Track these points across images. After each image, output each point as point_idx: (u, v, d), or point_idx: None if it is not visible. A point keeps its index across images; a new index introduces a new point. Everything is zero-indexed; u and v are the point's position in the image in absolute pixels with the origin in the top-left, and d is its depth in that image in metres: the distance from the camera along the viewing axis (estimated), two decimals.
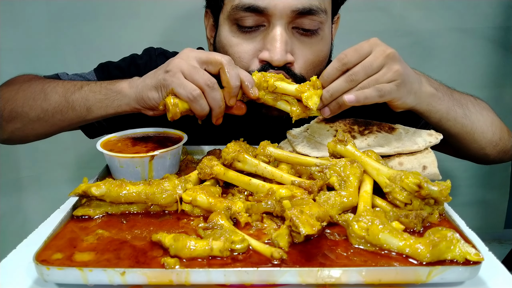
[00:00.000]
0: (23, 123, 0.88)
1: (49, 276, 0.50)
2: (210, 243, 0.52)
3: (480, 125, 0.89)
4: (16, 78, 0.96)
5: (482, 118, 0.90)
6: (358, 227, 0.55)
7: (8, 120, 0.89)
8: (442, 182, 0.62)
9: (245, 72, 0.75)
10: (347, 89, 0.74)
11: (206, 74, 0.73)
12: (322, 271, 0.49)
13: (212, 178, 0.73)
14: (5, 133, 0.92)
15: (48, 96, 0.85)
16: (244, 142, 0.79)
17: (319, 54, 0.92)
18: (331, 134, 0.83)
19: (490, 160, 0.97)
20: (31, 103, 0.86)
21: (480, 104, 0.93)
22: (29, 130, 0.89)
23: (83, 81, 0.88)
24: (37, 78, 0.93)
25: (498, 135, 0.93)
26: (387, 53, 0.73)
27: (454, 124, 0.85)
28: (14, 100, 0.88)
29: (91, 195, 0.65)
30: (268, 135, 0.83)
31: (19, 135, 0.92)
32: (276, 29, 0.85)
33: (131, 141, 0.82)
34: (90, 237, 0.58)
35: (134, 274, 0.49)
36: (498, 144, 0.93)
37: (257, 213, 0.63)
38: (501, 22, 1.61)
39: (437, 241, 0.51)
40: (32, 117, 0.86)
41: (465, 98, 0.91)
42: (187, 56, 0.74)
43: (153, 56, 1.08)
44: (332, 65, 0.74)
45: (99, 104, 0.80)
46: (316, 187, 0.64)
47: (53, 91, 0.85)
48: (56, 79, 0.95)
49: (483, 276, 0.52)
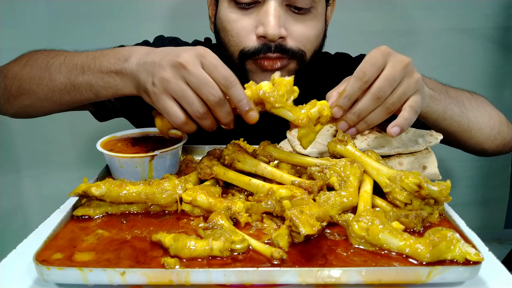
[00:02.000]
0: (31, 100, 0.85)
1: (49, 276, 0.50)
2: (210, 243, 0.52)
3: (477, 121, 0.89)
4: (25, 54, 0.92)
5: (479, 114, 0.90)
6: (358, 227, 0.55)
7: (16, 96, 0.86)
8: (442, 182, 0.62)
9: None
10: (375, 107, 0.69)
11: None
12: (322, 271, 0.49)
13: (212, 178, 0.73)
14: (13, 108, 0.90)
15: (53, 76, 0.81)
16: (244, 142, 0.79)
17: (313, 29, 0.93)
18: (331, 134, 0.83)
19: (488, 153, 0.96)
20: (37, 81, 0.83)
21: (477, 99, 0.93)
22: (37, 107, 0.87)
23: (85, 56, 0.81)
24: (42, 52, 0.89)
25: (496, 129, 0.93)
26: (406, 62, 0.69)
27: (451, 123, 0.85)
28: (21, 75, 0.85)
29: (91, 195, 0.65)
30: (268, 135, 0.83)
31: (27, 111, 0.90)
32: (269, 3, 0.87)
33: (131, 141, 0.82)
34: (90, 237, 0.58)
35: (134, 274, 0.49)
36: (497, 138, 0.93)
37: (257, 213, 0.63)
38: (501, 22, 1.61)
39: (437, 241, 0.51)
40: (40, 96, 0.84)
41: (461, 94, 0.90)
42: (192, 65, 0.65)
43: (166, 43, 1.08)
44: (353, 85, 0.68)
45: (104, 91, 0.77)
46: (316, 187, 0.64)
47: (57, 70, 0.81)
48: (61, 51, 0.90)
49: (483, 276, 0.52)
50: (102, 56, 0.77)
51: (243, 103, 0.66)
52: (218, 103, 0.65)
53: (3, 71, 0.89)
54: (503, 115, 0.97)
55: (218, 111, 0.66)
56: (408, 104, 0.69)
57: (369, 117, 0.70)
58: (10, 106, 0.90)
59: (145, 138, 0.85)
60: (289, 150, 0.83)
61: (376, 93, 0.67)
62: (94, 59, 0.78)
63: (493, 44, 1.64)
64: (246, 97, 0.66)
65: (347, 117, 0.70)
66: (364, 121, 0.71)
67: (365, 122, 0.71)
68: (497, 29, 1.62)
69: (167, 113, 0.67)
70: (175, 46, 0.73)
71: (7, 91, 0.87)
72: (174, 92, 0.66)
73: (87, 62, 0.78)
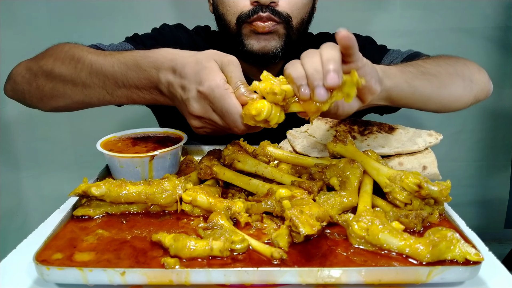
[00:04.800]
0: (66, 103, 0.82)
1: (49, 276, 0.50)
2: (210, 243, 0.52)
3: (446, 78, 0.86)
4: (51, 48, 0.87)
5: (442, 69, 0.86)
6: (358, 227, 0.55)
7: (50, 97, 0.83)
8: (442, 182, 0.62)
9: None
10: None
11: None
12: (322, 271, 0.49)
13: (212, 178, 0.73)
14: (48, 107, 0.87)
15: (87, 83, 0.76)
16: (244, 142, 0.79)
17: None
18: (331, 134, 0.83)
19: (469, 104, 0.95)
20: (71, 87, 0.78)
21: (435, 60, 0.90)
22: (74, 108, 0.85)
23: (111, 66, 0.74)
24: (69, 48, 0.83)
25: (468, 77, 0.91)
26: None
27: (420, 95, 0.81)
28: (53, 76, 0.80)
29: (91, 195, 0.65)
30: (268, 135, 0.83)
31: (64, 109, 0.87)
32: None
33: (131, 141, 0.82)
34: (90, 237, 0.58)
35: (134, 274, 0.49)
36: (472, 87, 0.92)
37: (257, 213, 0.63)
38: (501, 22, 1.61)
39: (437, 241, 0.51)
40: (76, 100, 0.80)
41: (418, 64, 0.85)
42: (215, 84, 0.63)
43: (173, 29, 1.15)
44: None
45: (144, 101, 0.74)
46: (316, 187, 0.64)
47: (89, 79, 0.76)
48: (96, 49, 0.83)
49: (483, 276, 0.52)
50: (127, 71, 0.72)
51: (236, 130, 0.65)
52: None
53: (33, 69, 0.85)
54: (472, 62, 0.96)
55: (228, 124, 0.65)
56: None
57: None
58: (43, 105, 0.87)
59: (145, 138, 0.85)
60: (289, 150, 0.83)
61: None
62: (122, 73, 0.73)
63: (493, 44, 1.64)
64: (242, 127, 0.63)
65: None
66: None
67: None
68: (497, 29, 1.62)
69: (194, 125, 0.68)
70: (182, 31, 0.72)
71: (40, 91, 0.83)
72: (200, 114, 0.66)
73: (117, 75, 0.73)
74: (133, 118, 1.60)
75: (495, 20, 1.61)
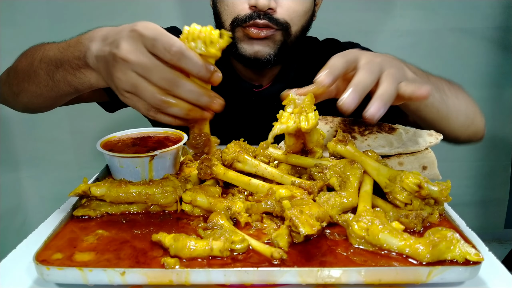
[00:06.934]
0: (28, 97, 0.86)
1: (49, 276, 0.50)
2: (210, 243, 0.52)
3: (455, 109, 0.88)
4: (26, 50, 0.90)
5: (457, 102, 0.89)
6: (358, 227, 0.55)
7: (17, 94, 0.88)
8: (442, 182, 0.62)
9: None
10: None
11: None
12: (322, 271, 0.49)
13: (212, 178, 0.73)
14: (18, 105, 0.93)
15: (36, 72, 0.79)
16: (244, 142, 0.79)
17: (301, 4, 0.99)
18: (331, 134, 0.83)
19: (459, 142, 0.97)
20: (27, 79, 0.82)
21: (455, 87, 0.92)
22: (35, 104, 0.87)
23: (56, 48, 0.75)
24: (33, 47, 0.87)
25: (471, 118, 0.93)
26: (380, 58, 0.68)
27: (431, 110, 0.84)
28: (17, 73, 0.86)
29: (91, 195, 0.65)
30: (268, 135, 0.83)
31: (30, 107, 0.91)
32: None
33: (131, 141, 0.82)
34: (90, 237, 0.58)
35: (134, 274, 0.49)
36: (470, 127, 0.94)
37: (257, 213, 0.63)
38: (501, 22, 1.61)
39: (437, 241, 0.51)
40: (32, 93, 0.83)
41: (441, 82, 0.89)
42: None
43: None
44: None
45: (81, 86, 0.71)
46: (316, 188, 0.64)
47: (38, 67, 0.78)
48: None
49: (483, 276, 0.52)
50: (68, 48, 0.71)
51: (202, 72, 0.58)
52: (172, 84, 0.57)
53: (8, 70, 0.91)
54: (477, 106, 0.97)
55: (178, 92, 0.58)
56: (384, 78, 0.65)
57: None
58: (15, 103, 0.92)
59: (145, 138, 0.85)
60: None
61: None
62: (63, 52, 0.72)
63: (493, 44, 1.64)
64: (201, 61, 0.58)
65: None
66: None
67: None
68: (497, 29, 1.62)
69: (137, 108, 0.61)
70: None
71: (11, 90, 0.89)
72: (129, 89, 0.59)
73: (59, 56, 0.73)
74: (133, 118, 1.60)
75: (495, 20, 1.61)
